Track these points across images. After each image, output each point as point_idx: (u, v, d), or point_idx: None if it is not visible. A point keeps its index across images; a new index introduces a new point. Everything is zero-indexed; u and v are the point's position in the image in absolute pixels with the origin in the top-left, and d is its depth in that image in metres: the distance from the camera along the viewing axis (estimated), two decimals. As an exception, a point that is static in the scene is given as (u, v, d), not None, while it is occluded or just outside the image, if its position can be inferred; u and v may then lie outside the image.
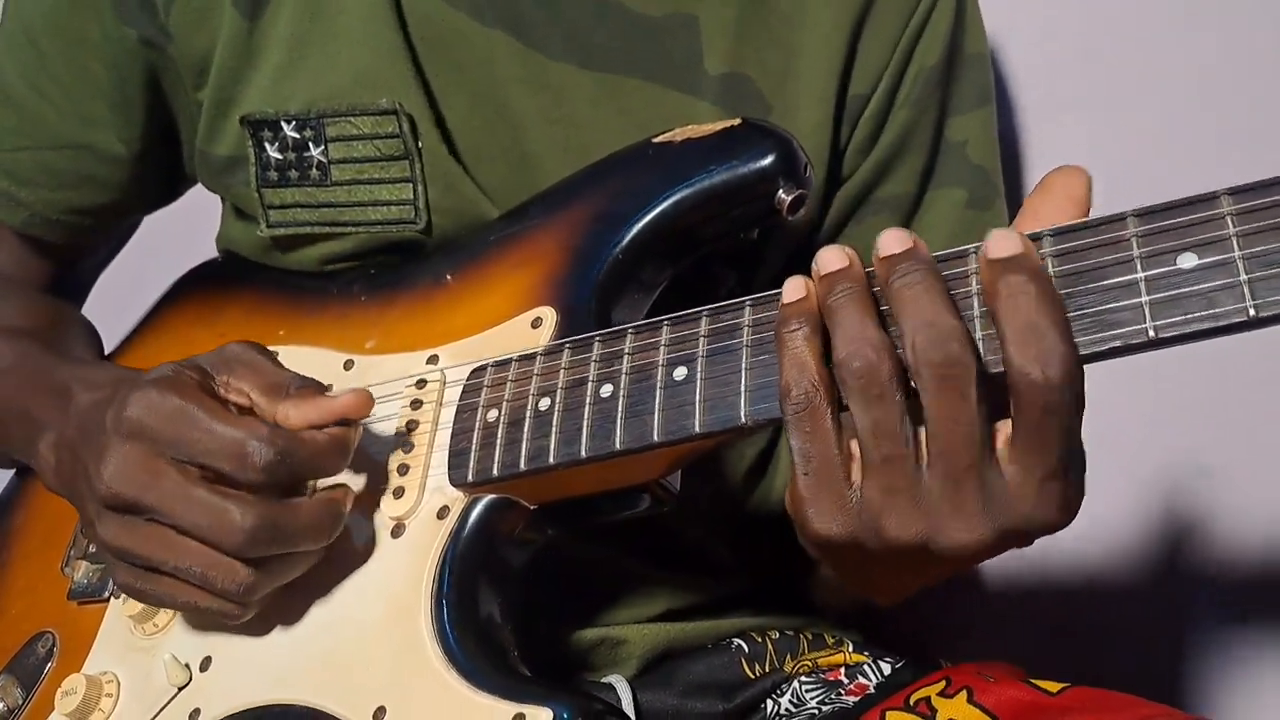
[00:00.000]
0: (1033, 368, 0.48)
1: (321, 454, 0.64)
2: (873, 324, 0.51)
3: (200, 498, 0.62)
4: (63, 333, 0.89)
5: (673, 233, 0.71)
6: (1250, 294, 0.48)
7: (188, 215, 1.01)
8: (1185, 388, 0.97)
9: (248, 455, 0.62)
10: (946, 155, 0.88)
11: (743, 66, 0.81)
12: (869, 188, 0.87)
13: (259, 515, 0.62)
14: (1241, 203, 0.49)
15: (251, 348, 0.68)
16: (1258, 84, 0.97)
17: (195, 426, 0.62)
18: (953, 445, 0.50)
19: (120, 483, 0.62)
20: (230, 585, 0.63)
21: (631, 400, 0.61)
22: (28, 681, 0.76)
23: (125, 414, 0.63)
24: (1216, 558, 1.01)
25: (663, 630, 0.81)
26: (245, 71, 0.79)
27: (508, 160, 0.80)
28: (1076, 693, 0.68)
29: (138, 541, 0.63)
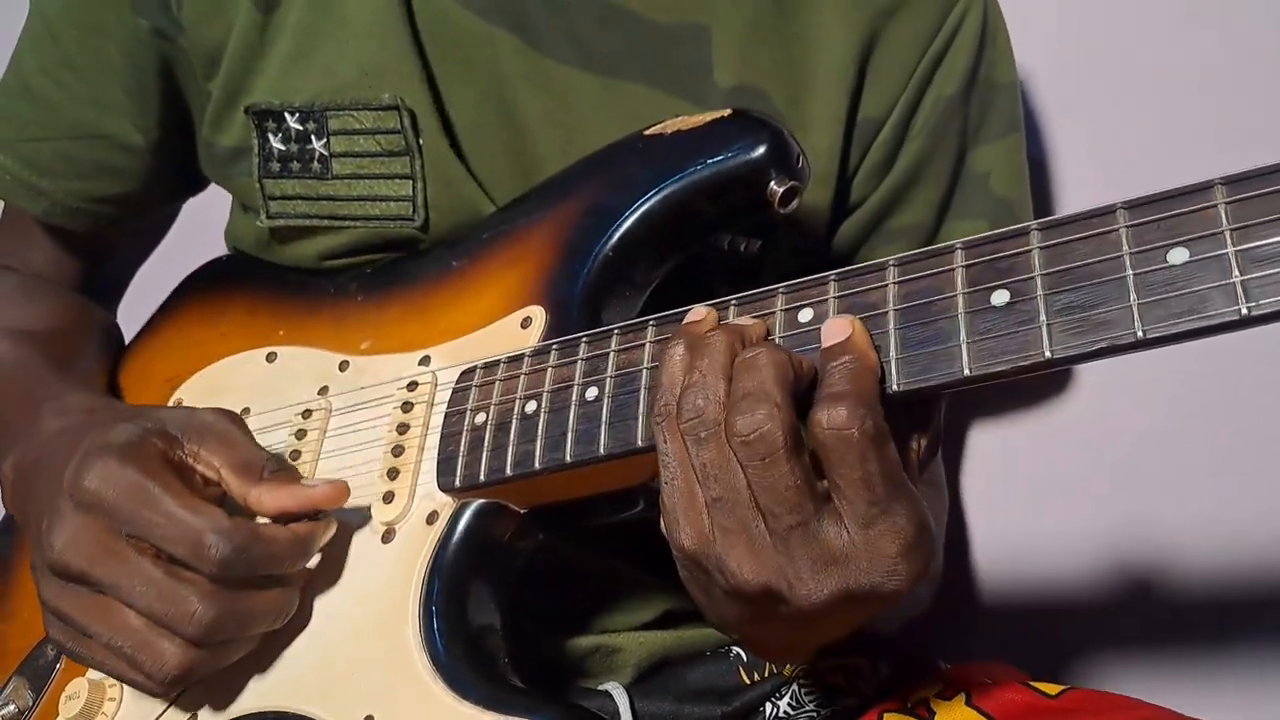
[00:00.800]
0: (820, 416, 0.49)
1: (281, 553, 0.63)
2: (720, 375, 0.52)
3: (158, 580, 0.61)
4: (78, 339, 0.89)
5: (664, 227, 0.69)
6: (1244, 292, 0.45)
7: (200, 213, 1.01)
8: (1182, 385, 0.95)
9: (205, 548, 0.60)
10: (967, 186, 0.86)
11: (755, 80, 0.79)
12: (881, 216, 0.85)
13: (218, 605, 0.61)
14: (1237, 194, 0.47)
15: (226, 418, 0.67)
16: (1259, 84, 0.95)
17: (154, 508, 0.61)
18: (770, 505, 0.50)
19: (70, 553, 0.62)
20: (155, 670, 0.62)
21: (616, 404, 0.60)
22: (37, 684, 0.77)
23: (83, 482, 0.62)
24: (1216, 560, 0.99)
25: (659, 638, 0.80)
26: (255, 62, 0.79)
27: (509, 159, 0.79)
28: (1075, 695, 0.67)
29: (74, 609, 0.63)
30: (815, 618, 0.52)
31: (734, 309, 0.59)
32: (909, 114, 0.82)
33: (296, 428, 0.74)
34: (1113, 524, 1.02)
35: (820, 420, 0.49)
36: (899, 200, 0.84)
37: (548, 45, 0.77)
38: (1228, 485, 0.98)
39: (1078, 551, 1.03)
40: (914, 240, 0.85)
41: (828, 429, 0.48)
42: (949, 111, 0.82)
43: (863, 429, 0.48)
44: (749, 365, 0.51)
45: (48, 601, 0.64)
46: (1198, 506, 0.99)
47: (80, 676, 0.73)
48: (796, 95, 0.79)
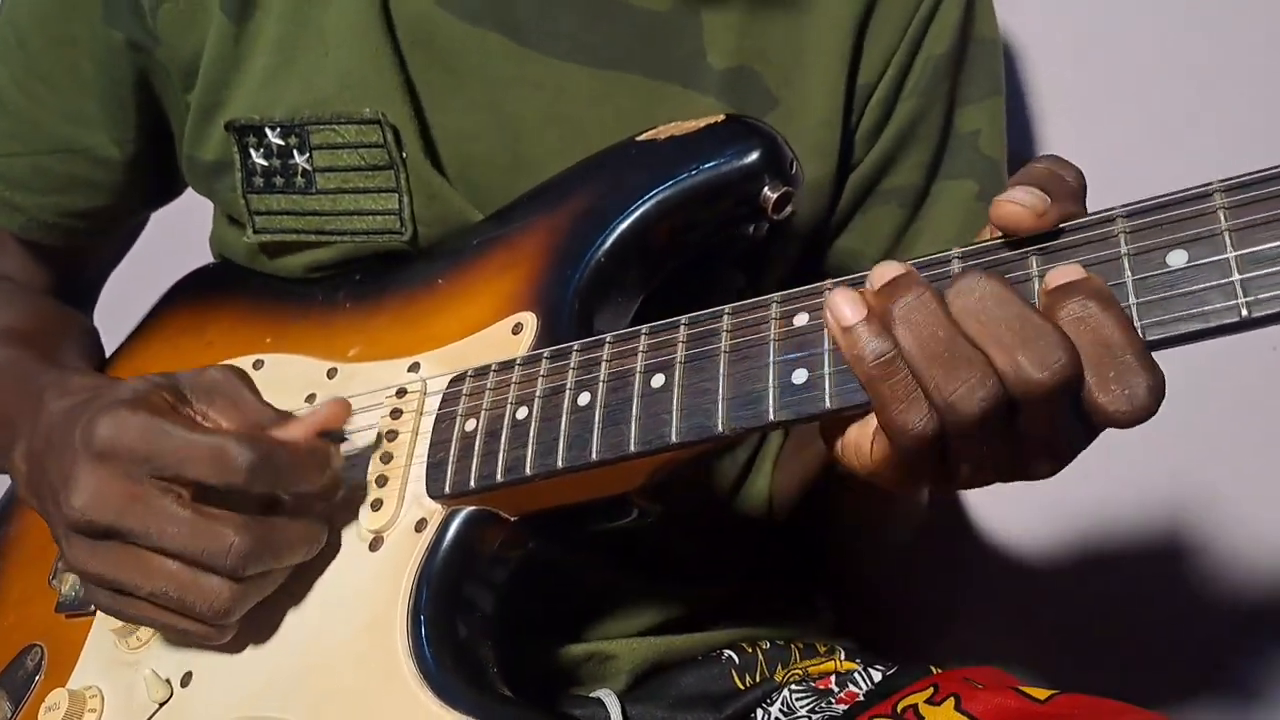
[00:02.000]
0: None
1: (302, 461, 0.63)
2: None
3: (188, 519, 0.60)
4: (59, 339, 0.88)
5: (656, 234, 0.69)
6: (1242, 292, 0.45)
7: (185, 217, 1.00)
8: (1181, 388, 0.95)
9: (230, 459, 0.60)
10: (956, 146, 0.86)
11: (748, 60, 0.78)
12: (875, 179, 0.85)
13: (253, 535, 0.61)
14: (1235, 196, 0.47)
15: (234, 376, 0.66)
16: (1259, 85, 0.95)
17: (170, 438, 0.60)
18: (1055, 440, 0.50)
19: (94, 508, 0.60)
20: (207, 609, 0.62)
21: (609, 409, 0.60)
22: (16, 695, 0.76)
23: (96, 433, 0.61)
24: (1211, 566, 1.00)
25: (652, 644, 0.80)
26: (232, 75, 0.78)
27: (504, 164, 0.78)
28: (1065, 700, 0.67)
29: (109, 566, 0.62)
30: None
31: (728, 316, 0.58)
32: (901, 75, 0.81)
33: (284, 435, 0.74)
34: (1106, 529, 1.02)
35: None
36: (892, 162, 0.84)
37: (538, 42, 0.76)
38: (1226, 491, 0.98)
39: (1069, 556, 1.04)
40: (905, 201, 0.85)
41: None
42: (939, 71, 0.82)
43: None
44: (987, 303, 0.48)
45: (79, 566, 0.63)
46: (1193, 513, 0.99)
47: (60, 687, 0.72)
48: (791, 70, 0.79)
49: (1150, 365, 0.46)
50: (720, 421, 0.56)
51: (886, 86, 0.81)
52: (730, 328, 0.57)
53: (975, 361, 0.47)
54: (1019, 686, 0.70)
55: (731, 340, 0.57)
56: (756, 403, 0.55)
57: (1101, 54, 1.02)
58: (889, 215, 0.86)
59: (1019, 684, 0.71)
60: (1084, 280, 0.47)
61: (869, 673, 0.82)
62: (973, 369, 0.47)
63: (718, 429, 0.56)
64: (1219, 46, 0.97)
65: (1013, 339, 0.47)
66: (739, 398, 0.56)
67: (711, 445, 0.57)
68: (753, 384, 0.55)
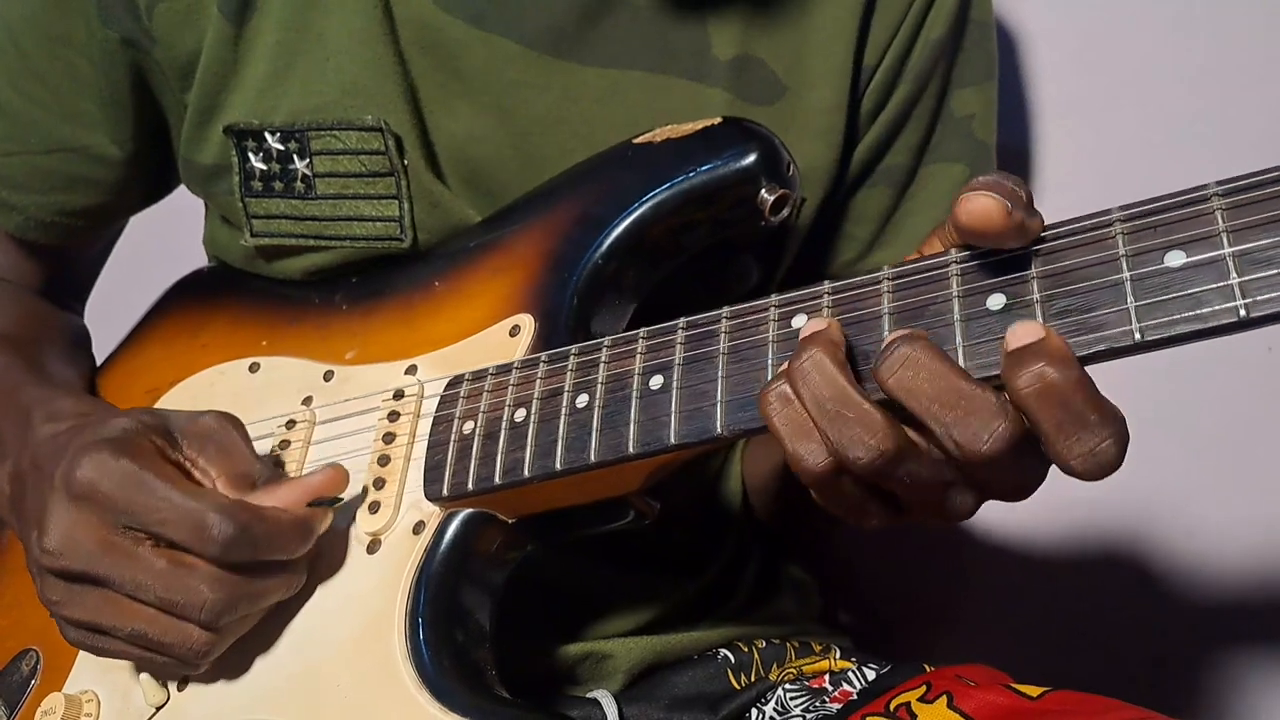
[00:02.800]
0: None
1: (284, 534, 0.62)
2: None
3: (162, 570, 0.60)
4: (46, 344, 0.87)
5: (653, 236, 0.69)
6: (1240, 293, 0.45)
7: (178, 219, 1.00)
8: (1173, 387, 0.96)
9: (207, 528, 0.59)
10: (949, 128, 0.86)
11: (753, 49, 0.78)
12: (872, 161, 0.85)
13: (225, 589, 0.60)
14: (1232, 197, 0.47)
15: (228, 424, 0.66)
16: (1259, 86, 0.96)
17: (151, 494, 0.60)
18: (1010, 482, 0.50)
19: (68, 553, 0.60)
20: (184, 651, 0.62)
21: (607, 410, 0.60)
22: (12, 700, 0.76)
23: (76, 474, 0.60)
24: (1202, 563, 1.00)
25: (648, 643, 0.80)
26: (229, 79, 0.78)
27: (513, 166, 0.78)
28: (1057, 696, 0.67)
29: (86, 610, 0.62)
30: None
31: (726, 318, 0.58)
32: (902, 58, 0.81)
33: (280, 438, 0.74)
34: (1097, 526, 1.03)
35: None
36: (890, 143, 0.84)
37: (543, 43, 0.76)
38: (1218, 488, 0.99)
39: (1063, 557, 1.04)
40: (893, 182, 0.85)
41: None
42: (936, 54, 0.82)
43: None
44: (917, 376, 0.48)
45: (53, 608, 0.63)
46: (1185, 509, 1.00)
47: (56, 691, 0.72)
48: (798, 55, 0.79)
49: (1111, 418, 0.46)
50: (719, 423, 0.56)
51: (887, 69, 0.81)
52: (729, 329, 0.58)
53: (868, 417, 0.48)
54: (1010, 684, 0.70)
55: (730, 341, 0.57)
56: (755, 404, 0.55)
57: (1099, 53, 1.02)
58: (878, 196, 0.86)
59: (1010, 681, 0.71)
60: (1042, 341, 0.47)
61: (863, 671, 0.83)
62: (861, 422, 0.48)
63: (716, 430, 0.56)
64: (1216, 46, 0.97)
65: (947, 416, 0.47)
66: (737, 399, 0.56)
67: (710, 447, 0.57)
68: (751, 385, 0.55)
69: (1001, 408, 0.47)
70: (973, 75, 0.85)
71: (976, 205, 0.48)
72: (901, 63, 0.82)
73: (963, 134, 0.85)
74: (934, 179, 0.86)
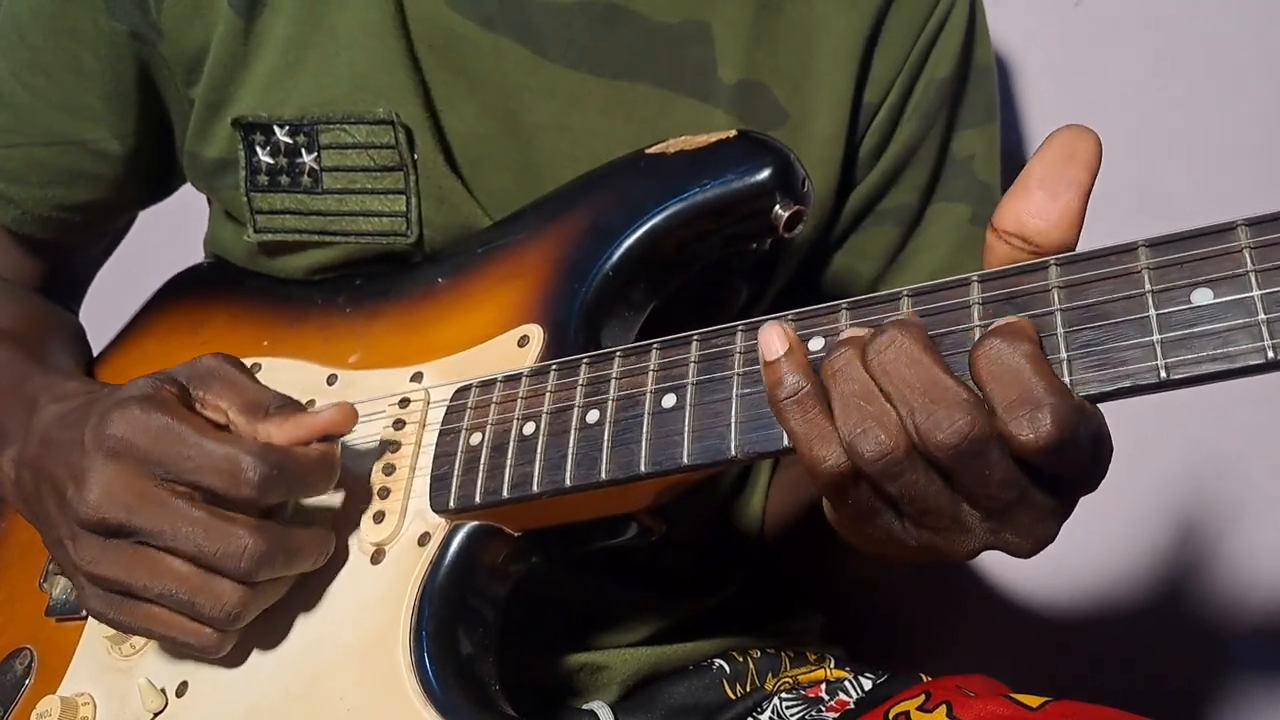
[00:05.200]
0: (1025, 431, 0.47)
1: (313, 470, 0.63)
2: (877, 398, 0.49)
3: (203, 519, 0.60)
4: (47, 339, 0.87)
5: (665, 248, 0.68)
6: (1269, 334, 0.45)
7: (180, 215, 0.99)
8: (1167, 398, 0.96)
9: (241, 471, 0.60)
10: (952, 169, 0.87)
11: (757, 74, 0.79)
12: (874, 199, 0.85)
13: (267, 538, 0.60)
14: (1261, 235, 0.46)
15: (227, 362, 0.66)
16: (1253, 98, 0.96)
17: (184, 443, 0.60)
18: (985, 492, 0.49)
19: (107, 505, 0.60)
20: (216, 612, 0.61)
21: (618, 428, 0.59)
22: (5, 699, 0.75)
23: (108, 431, 0.60)
24: (1204, 574, 1.00)
25: (644, 654, 0.80)
26: (239, 72, 0.77)
27: (513, 169, 0.78)
28: (1057, 707, 0.67)
29: (119, 566, 0.61)
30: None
31: (741, 334, 0.58)
32: (904, 97, 0.82)
33: (283, 442, 0.73)
34: (1102, 540, 1.03)
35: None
36: (892, 182, 0.85)
37: (552, 50, 0.76)
38: (1221, 500, 0.99)
39: (1062, 566, 1.04)
40: (900, 220, 0.86)
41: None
42: (940, 95, 0.83)
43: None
44: (900, 363, 0.49)
45: (84, 567, 0.62)
46: (1188, 521, 1.00)
47: (51, 693, 0.71)
48: (799, 85, 0.79)
49: (1056, 392, 0.46)
50: (733, 445, 0.55)
51: (890, 107, 0.82)
52: (744, 349, 0.57)
53: (881, 408, 0.49)
54: (1010, 694, 0.70)
55: (745, 362, 0.57)
56: (769, 427, 0.54)
57: (1092, 69, 1.02)
58: (884, 235, 0.87)
59: (1010, 691, 0.71)
60: (1007, 323, 0.48)
61: (859, 681, 0.83)
62: (876, 417, 0.49)
63: (730, 453, 0.55)
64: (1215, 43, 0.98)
65: (917, 399, 0.48)
66: (751, 421, 0.55)
67: (723, 468, 0.57)
68: (766, 407, 0.55)
69: (969, 406, 0.47)
70: (974, 117, 0.86)
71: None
72: (904, 102, 0.82)
73: (964, 174, 0.86)
74: (939, 219, 0.87)
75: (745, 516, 0.91)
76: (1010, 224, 0.52)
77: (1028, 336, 0.48)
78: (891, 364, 0.49)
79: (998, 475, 0.48)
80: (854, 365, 0.50)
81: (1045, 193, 0.51)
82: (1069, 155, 0.51)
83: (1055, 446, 0.46)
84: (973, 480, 0.49)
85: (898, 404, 0.48)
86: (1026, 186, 0.51)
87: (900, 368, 0.48)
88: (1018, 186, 0.52)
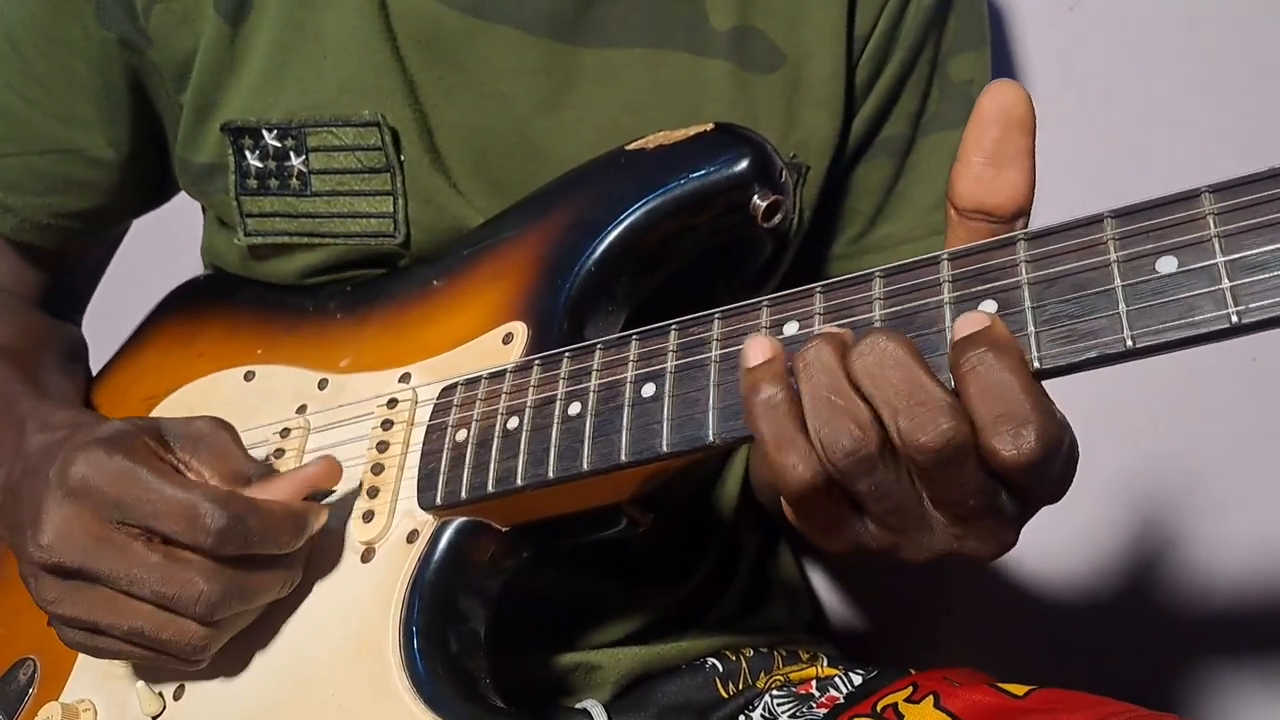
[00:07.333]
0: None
1: (277, 525, 0.62)
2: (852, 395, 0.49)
3: (157, 565, 0.60)
4: (44, 357, 0.87)
5: (646, 243, 0.69)
6: (1232, 299, 0.45)
7: (176, 225, 1.00)
8: (1149, 390, 0.97)
9: (199, 518, 0.59)
10: (949, 94, 0.85)
11: (750, 18, 0.78)
12: (870, 133, 0.84)
13: (221, 582, 0.60)
14: (1224, 200, 0.46)
15: (220, 428, 0.66)
16: (1248, 89, 0.96)
17: (143, 487, 0.60)
18: (954, 498, 0.49)
19: (61, 548, 0.60)
20: (182, 647, 0.62)
21: (599, 419, 0.59)
22: (9, 708, 0.76)
23: (69, 471, 0.61)
24: (1189, 571, 1.00)
25: (637, 654, 0.80)
26: (226, 77, 0.78)
27: (519, 153, 0.77)
28: (1042, 694, 0.67)
29: (81, 607, 0.61)
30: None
31: (718, 322, 0.58)
32: (894, 25, 0.81)
33: (275, 447, 0.73)
34: (1087, 539, 1.03)
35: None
36: (885, 114, 0.84)
37: (541, 28, 0.76)
38: (1205, 498, 0.98)
39: (1052, 565, 1.04)
40: (894, 153, 0.85)
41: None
42: (928, 19, 0.82)
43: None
44: (884, 365, 0.48)
45: (49, 607, 0.62)
46: (1173, 519, 0.99)
47: (53, 701, 0.72)
48: (794, 24, 0.78)
49: (1041, 410, 0.46)
50: (711, 431, 0.55)
51: (880, 36, 0.81)
52: (720, 336, 0.57)
53: (853, 403, 0.48)
54: (996, 683, 0.70)
55: (722, 348, 0.57)
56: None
57: (1094, 61, 1.02)
58: (879, 168, 0.85)
59: (995, 681, 0.71)
60: (986, 330, 0.47)
61: (849, 677, 0.83)
62: (848, 411, 0.48)
63: (708, 439, 0.55)
64: (1209, 46, 0.97)
65: (901, 402, 0.47)
66: (729, 407, 0.55)
67: (702, 455, 0.57)
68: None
69: (954, 410, 0.47)
70: (967, 40, 0.84)
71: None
72: (894, 29, 0.81)
73: (963, 99, 0.84)
74: (936, 148, 0.85)
75: (725, 492, 0.92)
76: (968, 203, 0.52)
77: (1014, 348, 0.47)
78: (875, 366, 0.48)
79: (972, 483, 0.48)
80: (825, 359, 0.49)
81: (994, 167, 0.51)
82: (1005, 124, 0.51)
83: (1038, 464, 0.46)
84: (946, 485, 0.48)
85: (879, 405, 0.48)
86: (972, 164, 0.51)
87: (885, 370, 0.48)
88: (962, 165, 0.52)
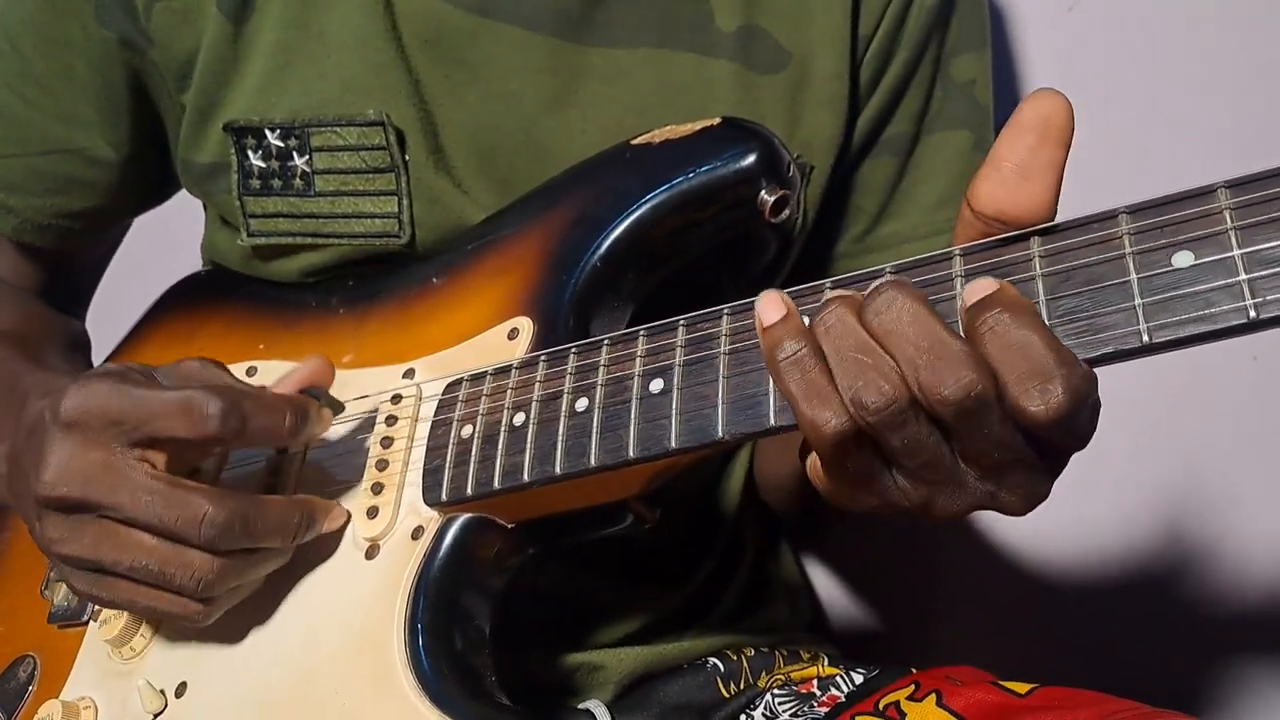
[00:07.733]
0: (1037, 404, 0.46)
1: (272, 406, 0.62)
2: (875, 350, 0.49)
3: (161, 489, 0.59)
4: (48, 343, 0.87)
5: (652, 238, 0.68)
6: (1250, 293, 0.44)
7: (177, 222, 0.99)
8: (1149, 390, 0.96)
9: (197, 409, 0.59)
10: (951, 95, 0.85)
11: (755, 18, 0.78)
12: (874, 132, 0.84)
13: (227, 506, 0.60)
14: (1240, 195, 0.46)
15: (211, 364, 0.66)
16: (1260, 86, 0.95)
17: (135, 398, 0.60)
18: (984, 450, 0.49)
19: (63, 480, 0.60)
20: (189, 581, 0.60)
21: (607, 415, 0.59)
22: (9, 706, 0.75)
23: (64, 404, 0.60)
24: (1190, 569, 1.00)
25: (640, 654, 0.80)
26: (229, 77, 0.77)
27: (526, 152, 0.77)
28: (1045, 692, 0.67)
29: (86, 544, 0.61)
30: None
31: (726, 317, 0.57)
32: (897, 25, 0.81)
33: (277, 443, 0.73)
34: (1089, 537, 1.03)
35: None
36: (889, 113, 0.84)
37: (547, 27, 0.75)
38: (1207, 497, 0.99)
39: (1052, 563, 1.04)
40: (897, 150, 0.85)
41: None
42: (930, 21, 0.82)
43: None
44: (901, 320, 0.48)
45: (53, 548, 0.62)
46: (1175, 518, 0.99)
47: (53, 698, 0.71)
48: (798, 24, 0.78)
49: (1066, 362, 0.46)
50: (720, 427, 0.55)
51: (884, 35, 0.81)
52: (729, 330, 0.57)
53: (881, 360, 0.48)
54: (998, 682, 0.70)
55: (731, 343, 0.56)
56: (756, 407, 0.54)
57: (1103, 57, 1.02)
58: (883, 167, 0.85)
59: (998, 679, 0.71)
60: (997, 293, 0.47)
61: (851, 676, 0.83)
62: (877, 368, 0.48)
63: (717, 434, 0.55)
64: (1221, 49, 0.97)
65: (921, 356, 0.47)
66: (738, 402, 0.55)
67: (711, 451, 0.57)
68: (752, 388, 0.55)
69: (973, 361, 0.46)
70: (969, 41, 0.85)
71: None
72: (898, 30, 0.81)
73: (965, 99, 0.85)
74: (942, 148, 0.85)
75: (728, 489, 0.91)
76: (989, 209, 0.51)
77: (1029, 306, 0.47)
78: (893, 322, 0.48)
79: (997, 435, 0.48)
80: (847, 321, 0.49)
81: (1023, 177, 0.50)
82: (1043, 134, 0.50)
83: (1067, 418, 0.46)
84: (971, 437, 0.48)
85: (900, 360, 0.48)
86: (1002, 170, 0.50)
87: (902, 325, 0.48)
88: (991, 169, 0.51)
